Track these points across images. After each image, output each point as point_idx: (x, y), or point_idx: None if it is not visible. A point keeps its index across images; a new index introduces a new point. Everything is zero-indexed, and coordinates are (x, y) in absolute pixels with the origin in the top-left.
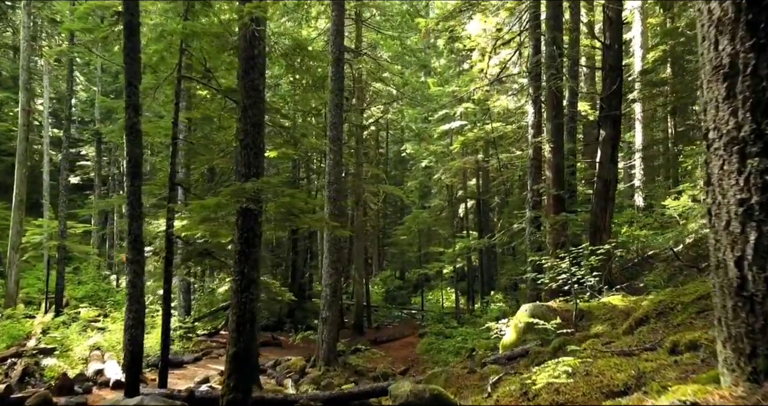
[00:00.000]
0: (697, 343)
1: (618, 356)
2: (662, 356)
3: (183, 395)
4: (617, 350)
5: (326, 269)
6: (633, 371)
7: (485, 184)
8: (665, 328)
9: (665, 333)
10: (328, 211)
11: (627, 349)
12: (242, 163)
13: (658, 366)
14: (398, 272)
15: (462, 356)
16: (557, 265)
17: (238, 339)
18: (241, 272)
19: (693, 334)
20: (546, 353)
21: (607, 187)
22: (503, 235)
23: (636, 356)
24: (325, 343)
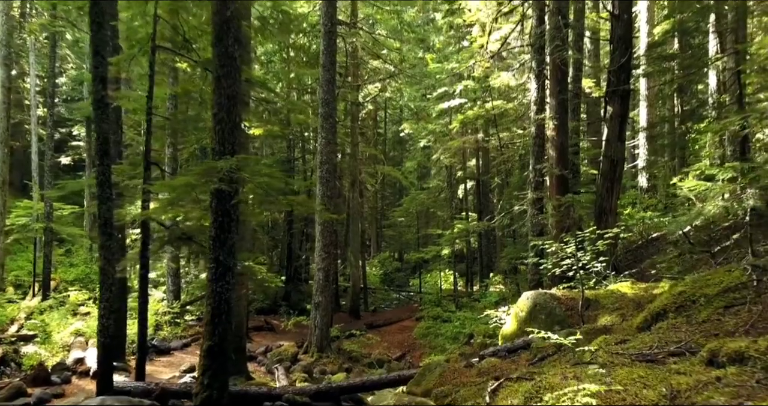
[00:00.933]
0: (744, 355)
1: (639, 362)
2: (697, 368)
3: (158, 389)
4: (636, 353)
5: (319, 253)
6: (664, 389)
7: (485, 164)
8: (688, 325)
9: (689, 332)
10: (321, 192)
11: (648, 352)
12: (216, 139)
13: (695, 383)
14: (396, 254)
15: (460, 342)
16: (561, 249)
17: (212, 332)
18: (216, 259)
19: (737, 343)
20: (549, 347)
21: (614, 167)
22: (503, 217)
23: (662, 363)
24: (318, 329)
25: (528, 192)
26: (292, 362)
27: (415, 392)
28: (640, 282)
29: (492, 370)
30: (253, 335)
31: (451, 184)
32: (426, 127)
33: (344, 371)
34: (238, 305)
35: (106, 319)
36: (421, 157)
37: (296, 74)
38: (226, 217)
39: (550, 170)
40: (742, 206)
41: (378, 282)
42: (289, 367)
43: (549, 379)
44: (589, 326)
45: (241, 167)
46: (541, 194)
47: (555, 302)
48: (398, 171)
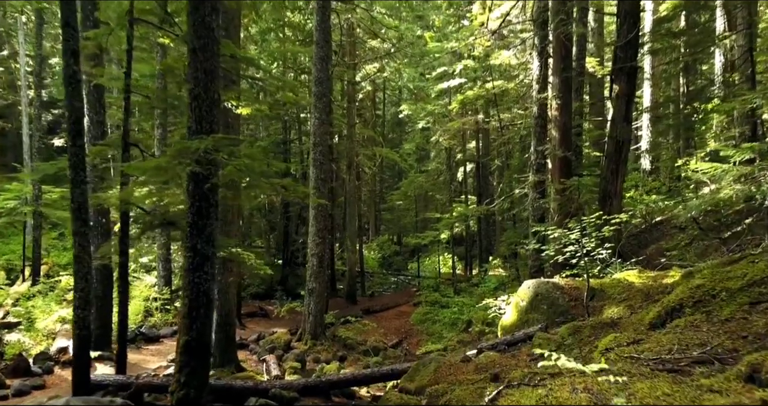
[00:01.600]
0: None
1: (660, 371)
2: (734, 385)
3: (136, 384)
4: (654, 359)
5: (312, 238)
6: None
7: (485, 146)
8: (709, 324)
9: (712, 333)
10: (314, 175)
11: (668, 357)
12: (193, 117)
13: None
14: (395, 237)
15: (458, 329)
16: (565, 236)
17: (190, 327)
18: (193, 247)
19: None
20: (553, 341)
21: (619, 149)
22: (504, 201)
23: (687, 375)
24: (312, 316)
25: (529, 175)
26: (285, 350)
27: (408, 389)
28: (648, 270)
29: (490, 366)
30: (247, 321)
31: (450, 166)
32: (425, 108)
33: (338, 360)
34: (227, 293)
35: (81, 310)
36: (420, 139)
37: (291, 53)
38: (204, 202)
39: (553, 152)
40: (761, 189)
41: (376, 266)
42: (281, 355)
43: (556, 392)
44: (594, 319)
45: (218, 148)
46: (542, 177)
47: (558, 292)
48: (396, 153)
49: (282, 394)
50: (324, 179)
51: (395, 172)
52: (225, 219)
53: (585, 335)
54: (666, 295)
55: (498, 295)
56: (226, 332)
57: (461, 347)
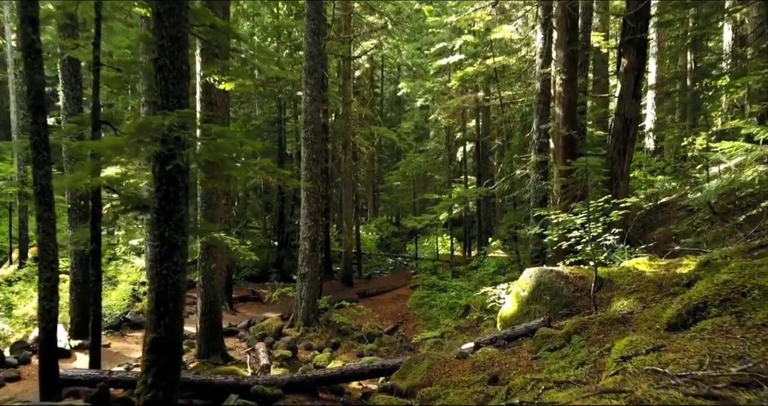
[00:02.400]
0: None
1: (695, 397)
2: None
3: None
4: (684, 375)
5: (304, 221)
6: None
7: (485, 125)
8: (742, 328)
9: (749, 342)
10: (306, 155)
11: (700, 374)
12: (158, 91)
13: None
14: (394, 217)
15: (455, 314)
16: (569, 220)
17: (157, 323)
18: (161, 235)
19: None
20: (557, 338)
21: (627, 127)
22: (504, 182)
23: (730, 402)
24: (304, 301)
25: (531, 155)
26: (276, 337)
27: (399, 388)
28: (658, 257)
29: (489, 364)
30: (239, 306)
31: (449, 146)
32: (423, 86)
33: (331, 347)
34: (212, 279)
35: (48, 301)
36: (419, 118)
37: (285, 27)
38: (172, 185)
39: (556, 130)
40: None
41: (374, 247)
42: (272, 343)
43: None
44: (603, 315)
45: (184, 125)
46: (545, 157)
47: (561, 282)
48: (394, 132)
49: (264, 391)
50: (316, 160)
51: (394, 152)
52: (209, 203)
53: (593, 333)
54: (682, 287)
55: (497, 279)
56: (212, 320)
57: (459, 334)
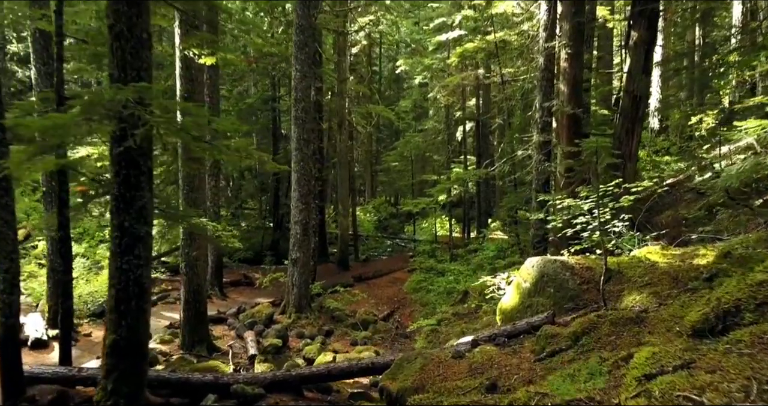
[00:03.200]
0: None
1: None
2: None
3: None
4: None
5: (295, 204)
6: None
7: (486, 103)
8: None
9: None
10: (296, 135)
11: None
12: (114, 62)
13: None
14: (392, 198)
15: (453, 299)
16: (576, 206)
17: (118, 323)
18: (120, 225)
19: None
20: (562, 338)
21: (636, 105)
22: (505, 163)
23: None
24: (296, 287)
25: (533, 134)
26: (267, 324)
27: (389, 390)
28: (670, 246)
29: (487, 366)
30: (230, 291)
31: (449, 125)
32: (422, 62)
33: (324, 335)
34: (194, 267)
35: (7, 294)
36: (418, 96)
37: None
38: (133, 169)
39: (561, 108)
40: None
41: (371, 229)
42: (262, 331)
43: None
44: (615, 313)
45: (142, 101)
46: (548, 137)
47: (567, 273)
48: (391, 111)
49: (245, 390)
50: (307, 140)
51: (392, 132)
52: (191, 185)
53: (604, 334)
54: (702, 281)
55: (497, 264)
56: (196, 310)
57: (456, 321)
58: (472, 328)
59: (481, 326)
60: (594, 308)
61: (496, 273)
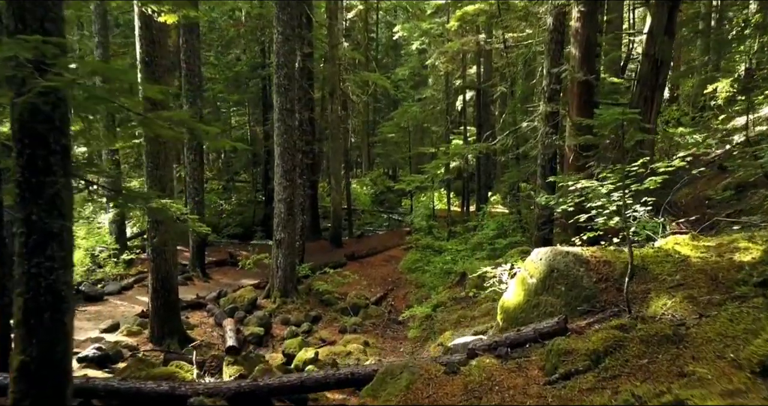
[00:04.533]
0: None
1: None
2: None
3: None
4: None
5: (278, 181)
6: None
7: (487, 71)
8: None
9: None
10: (279, 104)
11: None
12: (8, 11)
13: None
14: (390, 170)
15: (450, 281)
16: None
17: (27, 340)
18: (27, 219)
19: None
20: (579, 356)
21: (656, 70)
22: (507, 137)
23: None
24: (281, 270)
25: (539, 104)
26: (249, 310)
27: None
28: (702, 235)
29: (486, 387)
30: (214, 272)
31: (448, 94)
32: (420, 27)
33: (311, 321)
34: (163, 253)
35: None
36: (416, 63)
37: None
38: (41, 147)
39: (572, 75)
40: None
41: (368, 202)
42: (243, 318)
43: None
44: (645, 329)
45: (49, 59)
46: (556, 107)
47: (581, 268)
48: (386, 79)
49: (204, 404)
50: (291, 109)
51: (390, 101)
52: (155, 162)
53: (633, 355)
54: (752, 286)
55: (497, 244)
56: (166, 299)
57: (453, 306)
58: (470, 315)
59: (479, 313)
60: (614, 312)
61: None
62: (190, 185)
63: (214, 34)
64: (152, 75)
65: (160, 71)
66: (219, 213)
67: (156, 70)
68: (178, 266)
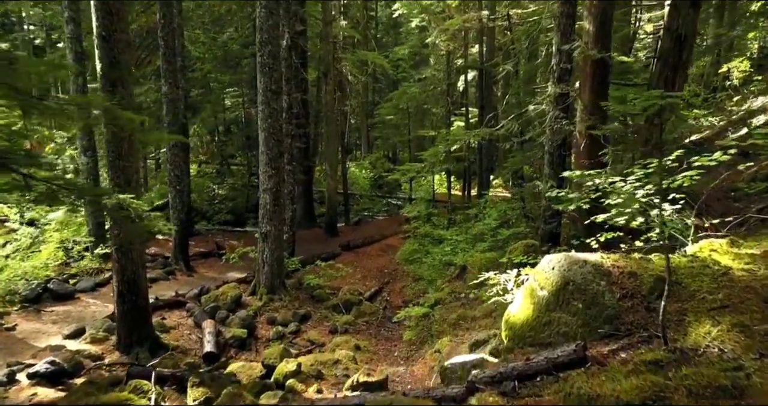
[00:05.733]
0: None
1: None
2: None
3: None
4: None
5: (263, 169)
6: None
7: (489, 51)
8: None
9: None
10: (263, 85)
11: None
12: None
13: None
14: (390, 153)
15: (450, 275)
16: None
17: None
18: None
19: None
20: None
21: (680, 46)
22: (512, 121)
23: None
24: (267, 265)
25: (548, 85)
26: (233, 309)
27: None
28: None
29: None
30: (199, 264)
31: (449, 74)
32: (420, 4)
33: (299, 320)
34: (128, 252)
35: None
36: (416, 41)
37: None
38: None
39: (585, 52)
40: None
41: (367, 186)
42: (226, 317)
43: None
44: (692, 377)
45: None
46: (566, 88)
47: (602, 282)
48: (383, 58)
49: None
50: (276, 91)
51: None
52: (118, 151)
53: None
54: None
55: (500, 234)
56: (134, 303)
57: (452, 303)
58: (470, 315)
59: (480, 313)
60: (643, 338)
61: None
62: (171, 173)
63: (202, 10)
64: (110, 52)
65: (120, 47)
66: (211, 198)
67: (115, 47)
68: (160, 259)
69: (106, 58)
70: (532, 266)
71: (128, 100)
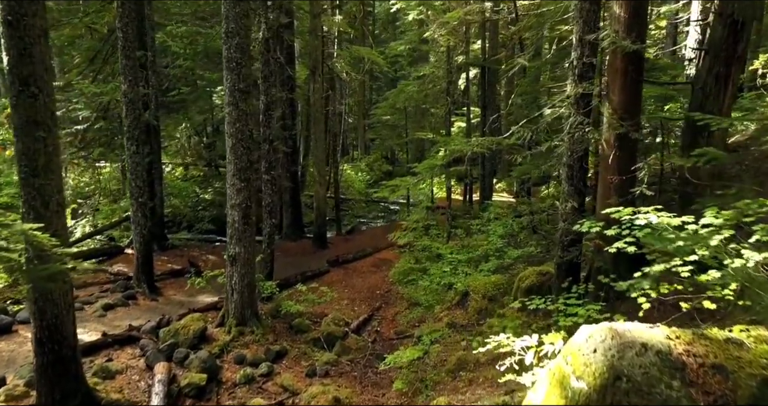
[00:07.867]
0: None
1: None
2: None
3: None
4: None
5: (231, 181)
6: None
7: (492, 46)
8: None
9: None
10: (230, 83)
11: None
12: None
13: None
14: (389, 154)
15: (450, 301)
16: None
17: None
18: None
19: None
20: None
21: (735, 36)
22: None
23: None
24: (237, 293)
25: (567, 84)
26: (195, 345)
27: None
28: None
29: None
30: (167, 285)
31: (450, 71)
32: None
33: (272, 359)
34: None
35: None
36: (414, 36)
37: None
38: None
39: (617, 42)
40: None
41: (364, 189)
42: (185, 357)
43: None
44: None
45: None
46: (590, 87)
47: (674, 382)
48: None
49: None
50: (245, 90)
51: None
52: (32, 166)
53: None
54: None
55: (507, 255)
56: (56, 353)
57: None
58: (473, 360)
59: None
60: None
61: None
62: (132, 183)
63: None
64: (19, 41)
65: (33, 35)
66: (196, 204)
67: (26, 35)
68: (122, 279)
69: (15, 50)
70: (558, 330)
71: (44, 103)
